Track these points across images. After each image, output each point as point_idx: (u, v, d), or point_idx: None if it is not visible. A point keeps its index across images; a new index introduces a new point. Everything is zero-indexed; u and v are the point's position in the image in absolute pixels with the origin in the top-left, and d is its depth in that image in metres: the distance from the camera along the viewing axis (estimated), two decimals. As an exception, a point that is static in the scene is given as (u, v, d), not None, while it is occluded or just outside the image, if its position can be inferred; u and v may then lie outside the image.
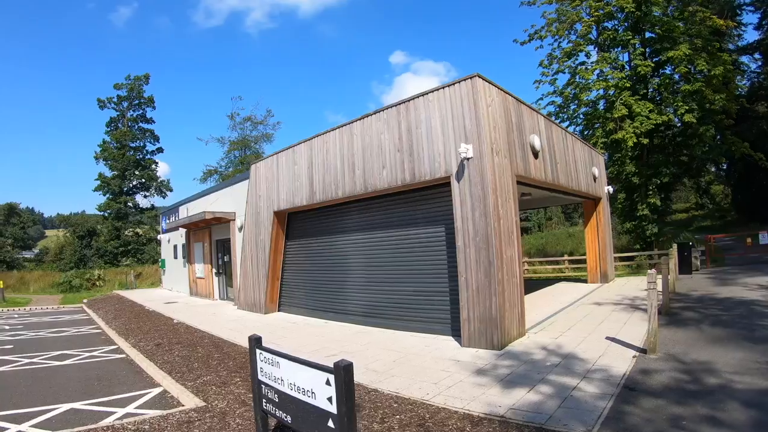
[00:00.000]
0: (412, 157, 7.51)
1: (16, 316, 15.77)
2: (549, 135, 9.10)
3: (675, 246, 13.20)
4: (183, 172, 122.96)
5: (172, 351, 8.17)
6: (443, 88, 7.03)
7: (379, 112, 8.19)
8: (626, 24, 17.24)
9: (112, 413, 4.98)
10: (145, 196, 39.27)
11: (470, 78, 6.60)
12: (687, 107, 14.99)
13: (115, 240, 34.78)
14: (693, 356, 5.46)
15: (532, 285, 14.95)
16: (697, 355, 5.50)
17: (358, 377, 5.53)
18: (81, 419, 4.81)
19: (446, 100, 6.96)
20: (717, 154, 17.00)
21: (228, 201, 14.86)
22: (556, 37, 19.11)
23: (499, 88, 7.10)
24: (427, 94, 7.27)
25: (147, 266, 31.09)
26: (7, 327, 13.13)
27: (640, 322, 7.48)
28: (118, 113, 37.61)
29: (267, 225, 11.74)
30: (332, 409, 2.71)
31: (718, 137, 17.65)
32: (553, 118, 20.15)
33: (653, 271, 5.68)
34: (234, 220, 14.23)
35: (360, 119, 8.64)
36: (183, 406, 5.04)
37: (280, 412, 3.29)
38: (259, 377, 3.55)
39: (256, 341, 3.69)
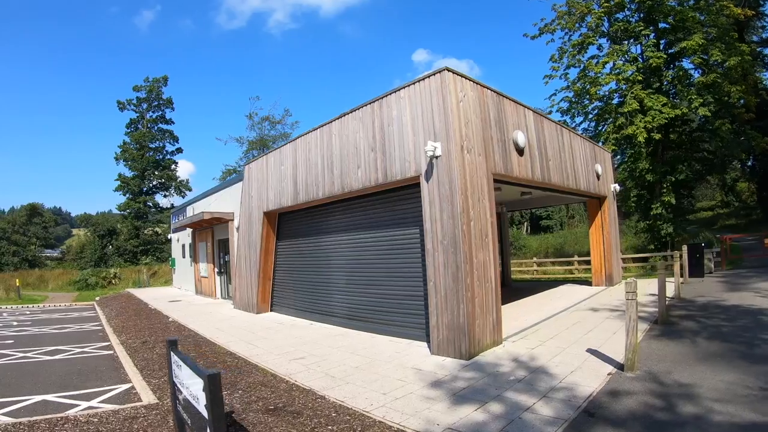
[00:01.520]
0: (384, 156, 7.24)
1: (28, 312, 16.36)
2: (539, 130, 8.64)
3: (684, 248, 12.37)
4: (209, 171, 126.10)
5: (153, 349, 8.30)
6: (414, 83, 6.72)
7: (355, 110, 7.95)
8: (638, 15, 16.34)
9: (76, 406, 5.17)
10: (165, 196, 40.40)
11: (439, 72, 6.27)
12: (702, 100, 14.04)
13: (135, 239, 35.85)
14: (676, 376, 4.86)
15: (535, 287, 14.42)
16: (681, 375, 4.91)
17: (313, 383, 5.44)
18: (47, 410, 5.03)
19: (417, 96, 6.66)
20: (735, 149, 15.88)
21: (227, 201, 14.95)
22: (566, 30, 18.38)
23: (474, 82, 6.73)
24: (398, 90, 6.97)
25: (165, 265, 31.90)
26: (15, 323, 13.60)
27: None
28: (138, 115, 38.76)
29: (257, 225, 11.71)
30: (207, 415, 2.68)
31: (743, 131, 16.51)
32: (566, 115, 19.62)
33: (632, 280, 5.22)
34: (233, 220, 14.28)
35: (338, 118, 8.43)
36: (140, 402, 5.18)
37: (185, 414, 3.31)
38: (174, 379, 3.56)
39: (171, 344, 3.64)
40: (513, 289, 14.04)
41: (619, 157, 18.20)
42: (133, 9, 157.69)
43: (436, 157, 6.22)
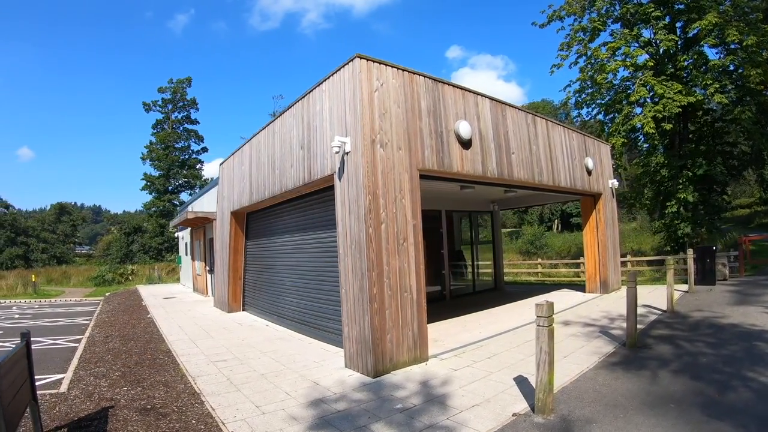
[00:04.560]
0: (310, 154, 6.76)
1: (36, 306, 17.19)
2: (497, 121, 7.79)
3: (690, 251, 10.95)
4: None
5: (108, 343, 8.47)
6: (333, 74, 6.17)
7: (292, 106, 7.51)
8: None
9: (4, 391, 5.64)
10: (190, 194, 41.82)
11: (351, 60, 5.69)
12: (717, 86, 12.38)
13: (160, 236, 37.32)
14: (596, 429, 3.71)
15: (528, 291, 13.46)
16: (606, 427, 3.74)
17: (208, 387, 5.26)
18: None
19: (334, 89, 6.11)
20: (762, 140, 13.93)
21: (214, 200, 14.98)
22: (575, 16, 16.99)
23: (399, 69, 6.07)
24: (322, 83, 6.45)
25: (183, 261, 32.96)
26: (17, 316, 14.29)
27: (587, 357, 5.94)
28: (163, 115, 40.29)
29: (227, 225, 11.58)
30: None
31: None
32: (578, 107, 18.22)
33: (544, 302, 4.35)
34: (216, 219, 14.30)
35: (280, 116, 8.02)
36: (53, 390, 5.43)
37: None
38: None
39: (23, 336, 3.65)
40: (503, 294, 13.15)
41: (635, 150, 16.66)
42: (168, 13, 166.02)
43: (347, 153, 5.66)
